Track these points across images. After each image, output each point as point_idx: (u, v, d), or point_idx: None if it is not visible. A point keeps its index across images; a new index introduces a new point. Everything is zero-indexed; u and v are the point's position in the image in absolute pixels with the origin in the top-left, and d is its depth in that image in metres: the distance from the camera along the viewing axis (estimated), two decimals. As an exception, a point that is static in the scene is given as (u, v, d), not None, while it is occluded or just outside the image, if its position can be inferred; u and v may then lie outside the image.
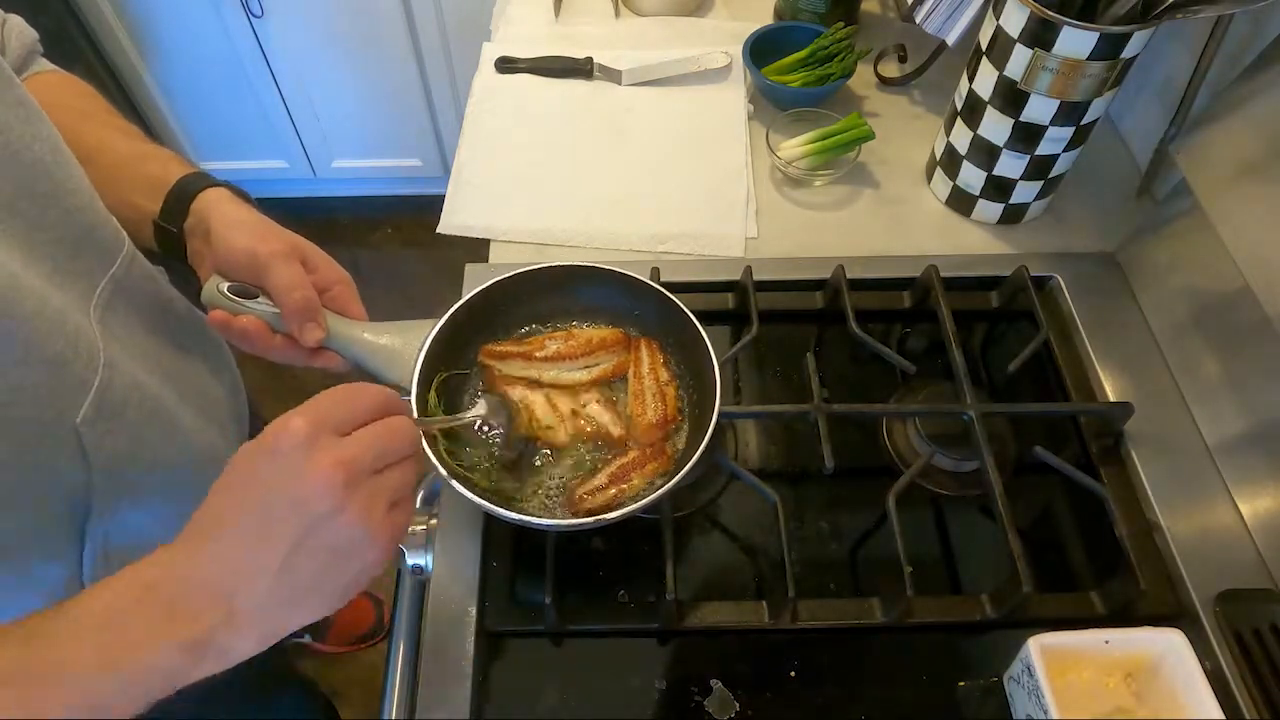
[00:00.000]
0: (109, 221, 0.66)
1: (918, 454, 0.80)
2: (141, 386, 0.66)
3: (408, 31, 1.94)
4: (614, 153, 1.08)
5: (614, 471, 0.70)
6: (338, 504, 0.45)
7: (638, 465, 0.70)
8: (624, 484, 0.69)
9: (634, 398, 0.75)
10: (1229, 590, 0.71)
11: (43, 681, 0.44)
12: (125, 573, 0.46)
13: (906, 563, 0.70)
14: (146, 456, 0.66)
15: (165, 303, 0.75)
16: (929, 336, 0.92)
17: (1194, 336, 0.84)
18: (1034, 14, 0.79)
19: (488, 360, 0.76)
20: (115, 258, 0.66)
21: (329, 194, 2.44)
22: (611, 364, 0.76)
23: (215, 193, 0.68)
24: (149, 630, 0.44)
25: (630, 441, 0.73)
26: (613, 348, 0.77)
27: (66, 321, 0.58)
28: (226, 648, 0.46)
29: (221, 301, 0.65)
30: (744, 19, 1.25)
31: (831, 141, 1.02)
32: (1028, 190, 0.95)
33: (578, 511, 0.68)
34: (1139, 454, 0.80)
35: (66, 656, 0.44)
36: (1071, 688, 0.64)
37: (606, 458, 0.72)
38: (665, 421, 0.73)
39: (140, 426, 0.65)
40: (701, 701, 0.69)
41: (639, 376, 0.76)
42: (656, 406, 0.74)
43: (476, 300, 0.75)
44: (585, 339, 0.77)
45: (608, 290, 0.79)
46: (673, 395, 0.75)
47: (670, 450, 0.72)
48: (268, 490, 0.46)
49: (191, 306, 0.79)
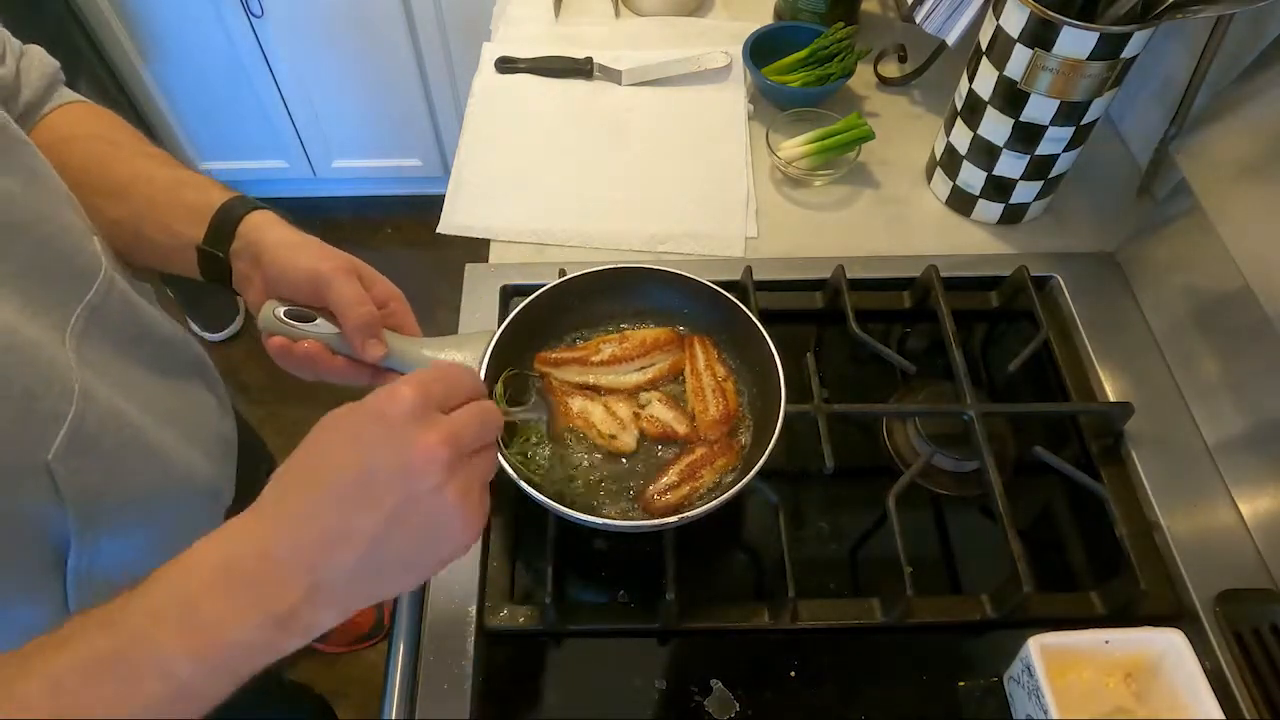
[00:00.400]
0: (85, 248, 0.64)
1: (918, 454, 0.80)
2: (120, 414, 0.64)
3: (408, 32, 1.94)
4: (614, 153, 1.08)
5: (683, 469, 0.71)
6: (442, 480, 0.45)
7: (707, 461, 0.71)
8: (695, 481, 0.70)
9: (694, 395, 0.75)
10: (1229, 590, 0.71)
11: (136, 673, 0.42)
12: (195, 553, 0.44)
13: (906, 563, 0.70)
14: (124, 486, 0.65)
15: (145, 327, 0.72)
16: (929, 336, 0.92)
17: (1194, 336, 0.84)
18: (1034, 14, 0.79)
19: (543, 368, 0.77)
20: (92, 284, 0.64)
21: (329, 194, 2.44)
22: (667, 363, 0.77)
23: (261, 216, 0.67)
24: (234, 610, 0.43)
25: (697, 438, 0.73)
26: (666, 347, 0.78)
27: (39, 354, 0.57)
28: (311, 621, 0.44)
29: (279, 327, 0.64)
30: (744, 19, 1.25)
31: (831, 141, 1.02)
32: (1028, 190, 0.95)
33: (652, 511, 0.69)
34: (1139, 454, 0.80)
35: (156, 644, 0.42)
36: (1071, 688, 0.64)
37: (669, 457, 0.73)
38: (729, 416, 0.74)
39: (117, 456, 0.63)
40: (701, 701, 0.69)
41: (696, 374, 0.76)
42: (718, 402, 0.74)
43: (529, 309, 0.75)
44: (639, 340, 0.78)
45: (659, 290, 0.79)
46: (732, 390, 0.76)
47: (737, 445, 0.73)
48: (372, 454, 0.44)
49: (177, 328, 0.77)
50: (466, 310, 0.90)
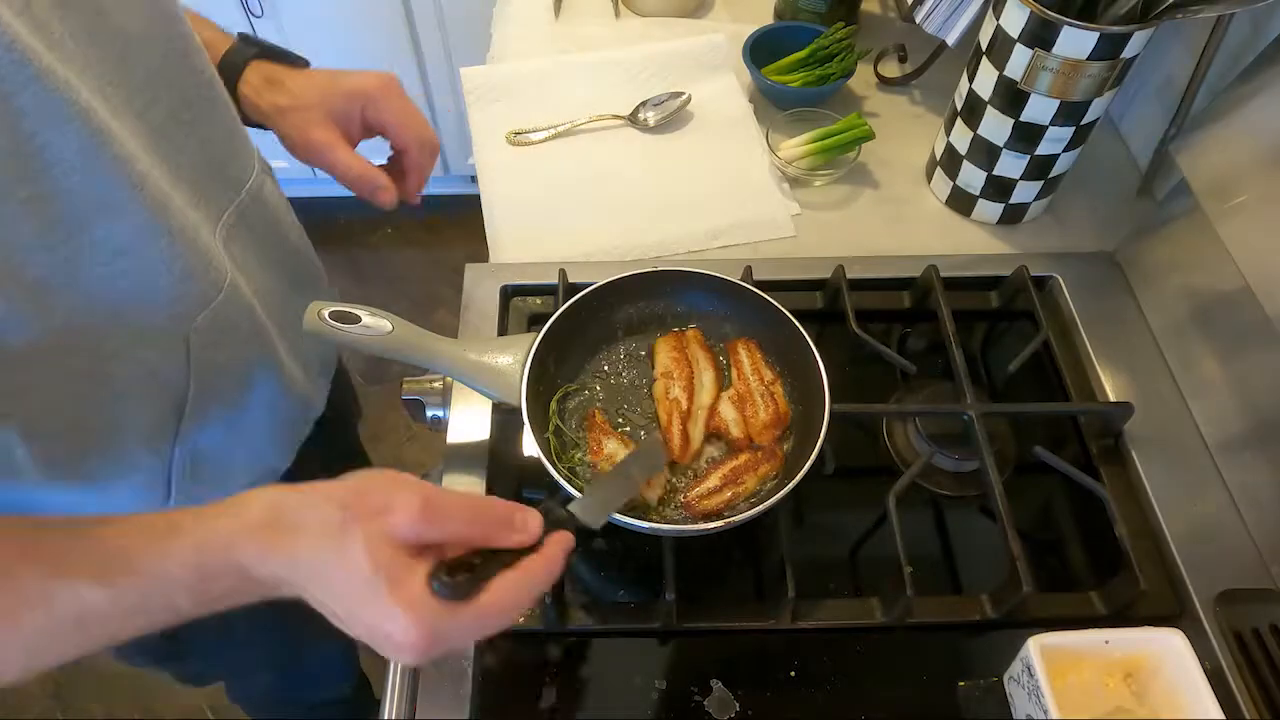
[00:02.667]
0: (239, 153, 0.72)
1: (918, 454, 0.80)
2: (251, 310, 0.72)
3: (408, 32, 1.94)
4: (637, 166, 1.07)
5: (726, 474, 0.71)
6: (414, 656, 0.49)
7: (751, 467, 0.71)
8: (738, 486, 0.70)
9: (743, 400, 0.75)
10: (1229, 590, 0.71)
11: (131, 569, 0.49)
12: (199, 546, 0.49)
13: (906, 563, 0.70)
14: (239, 374, 0.72)
15: (281, 235, 0.81)
16: (929, 336, 0.92)
17: (1194, 336, 0.84)
18: (1034, 14, 0.79)
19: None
20: (243, 188, 0.72)
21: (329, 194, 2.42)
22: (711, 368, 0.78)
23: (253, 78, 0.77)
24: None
25: (746, 444, 0.74)
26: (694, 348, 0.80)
27: (200, 241, 0.64)
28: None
29: (323, 328, 0.68)
30: (744, 19, 1.25)
31: (831, 141, 1.02)
32: (1028, 190, 0.95)
33: (696, 515, 0.69)
34: (1139, 454, 0.80)
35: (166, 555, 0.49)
36: (1071, 688, 0.64)
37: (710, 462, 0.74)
38: (779, 420, 0.74)
39: (241, 345, 0.71)
40: (701, 701, 0.69)
41: (743, 378, 0.76)
42: (768, 405, 0.74)
43: (568, 313, 0.76)
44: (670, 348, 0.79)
45: (699, 294, 0.80)
46: (780, 393, 0.76)
47: (781, 451, 0.73)
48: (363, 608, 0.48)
49: (306, 242, 0.86)
50: (466, 310, 0.90)
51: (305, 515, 0.49)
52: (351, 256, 2.38)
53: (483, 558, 0.50)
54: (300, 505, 0.50)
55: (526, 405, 0.70)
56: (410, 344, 0.70)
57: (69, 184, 0.52)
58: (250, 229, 0.74)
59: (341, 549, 0.47)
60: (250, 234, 0.74)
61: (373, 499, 0.49)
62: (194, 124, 0.65)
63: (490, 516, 0.52)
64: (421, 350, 0.71)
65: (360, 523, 0.48)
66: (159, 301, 0.62)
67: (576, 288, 0.81)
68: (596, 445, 0.73)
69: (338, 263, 2.39)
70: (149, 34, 0.60)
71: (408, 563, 0.48)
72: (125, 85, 0.57)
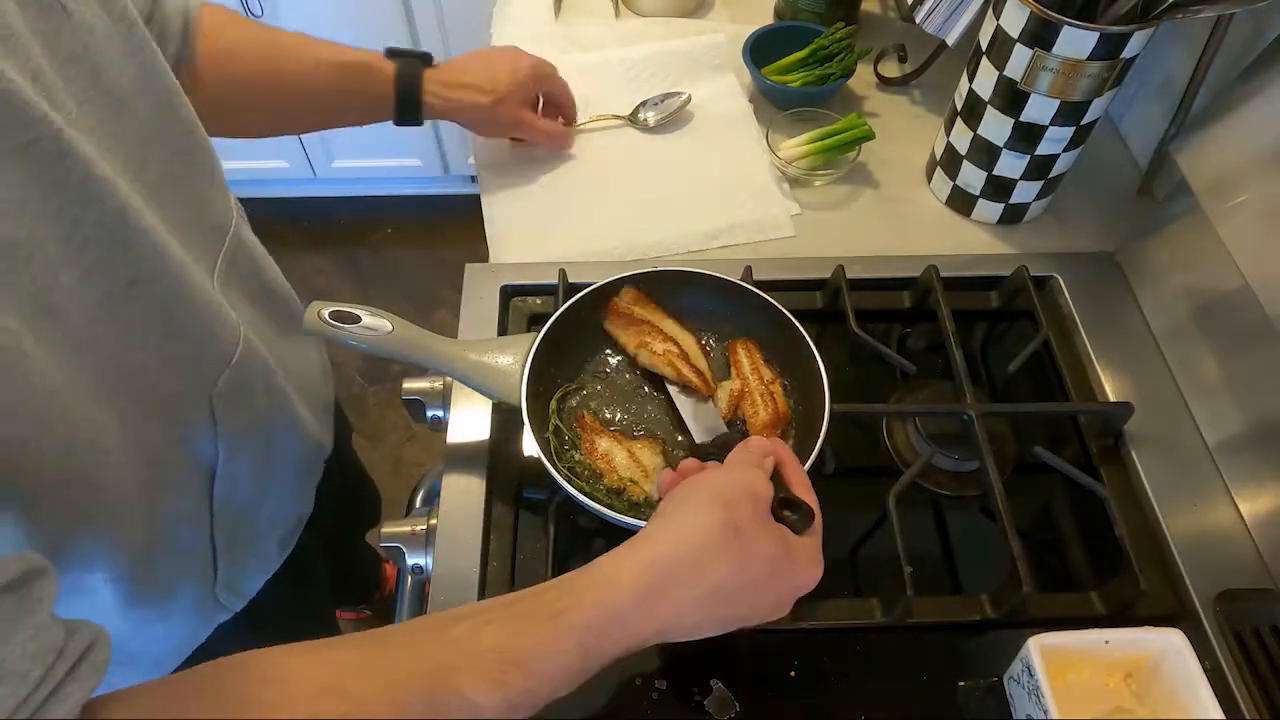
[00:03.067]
0: (219, 198, 0.71)
1: (918, 454, 0.80)
2: (264, 361, 0.71)
3: (408, 31, 1.94)
4: (638, 167, 1.07)
5: None
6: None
7: None
8: None
9: (742, 400, 0.75)
10: (1229, 590, 0.71)
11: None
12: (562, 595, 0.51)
13: (906, 563, 0.70)
14: (263, 431, 0.72)
15: (267, 282, 0.79)
16: (929, 336, 0.92)
17: (1194, 336, 0.84)
18: (1034, 14, 0.79)
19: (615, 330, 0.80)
20: (225, 235, 0.70)
21: (329, 194, 2.44)
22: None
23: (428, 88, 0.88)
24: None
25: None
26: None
27: (210, 295, 0.63)
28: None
29: (323, 328, 0.67)
30: (744, 19, 1.25)
31: (831, 141, 1.02)
32: (1028, 190, 0.95)
33: None
34: (1139, 454, 0.80)
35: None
36: (1071, 688, 0.64)
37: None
38: (779, 420, 0.74)
39: (260, 399, 0.71)
40: (701, 701, 0.69)
41: (743, 378, 0.76)
42: (767, 405, 0.74)
43: (568, 313, 0.76)
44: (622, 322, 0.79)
45: (699, 294, 0.80)
46: (780, 393, 0.76)
47: None
48: (777, 582, 0.54)
49: (288, 287, 0.84)
50: (466, 310, 0.90)
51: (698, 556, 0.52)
52: (351, 256, 2.38)
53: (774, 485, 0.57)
54: (678, 559, 0.51)
55: (526, 405, 0.70)
56: (410, 344, 0.70)
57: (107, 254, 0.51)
58: (240, 275, 0.72)
59: (745, 554, 0.51)
60: (240, 280, 0.72)
61: (735, 489, 0.53)
62: (184, 176, 0.64)
63: (782, 458, 0.59)
64: (421, 350, 0.71)
65: (743, 521, 0.52)
66: (185, 370, 0.61)
67: (576, 288, 0.81)
68: (590, 445, 0.73)
69: (338, 263, 2.39)
70: (139, 89, 0.58)
71: (772, 523, 0.54)
72: (123, 144, 0.56)
